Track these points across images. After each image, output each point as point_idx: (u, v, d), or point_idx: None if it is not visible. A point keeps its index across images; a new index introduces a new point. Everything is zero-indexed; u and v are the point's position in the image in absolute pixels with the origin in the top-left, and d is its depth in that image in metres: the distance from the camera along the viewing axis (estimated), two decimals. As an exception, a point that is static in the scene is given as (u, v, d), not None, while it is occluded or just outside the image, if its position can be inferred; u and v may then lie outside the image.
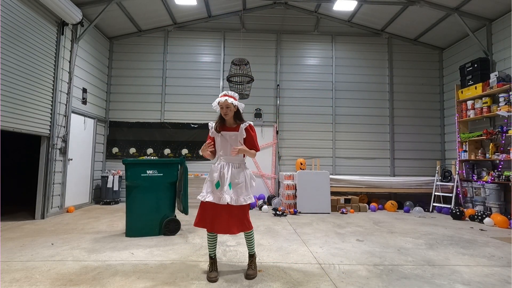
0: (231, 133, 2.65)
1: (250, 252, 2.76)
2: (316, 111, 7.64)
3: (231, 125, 2.69)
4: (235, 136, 2.64)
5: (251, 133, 2.68)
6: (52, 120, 5.44)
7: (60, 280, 2.51)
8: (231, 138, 2.65)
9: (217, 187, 2.57)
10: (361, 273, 2.77)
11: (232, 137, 2.65)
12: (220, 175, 2.60)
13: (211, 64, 7.65)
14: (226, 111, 2.62)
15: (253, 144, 2.68)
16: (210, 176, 2.66)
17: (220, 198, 2.53)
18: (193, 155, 7.36)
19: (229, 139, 2.65)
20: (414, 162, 7.61)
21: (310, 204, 6.06)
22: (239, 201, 2.55)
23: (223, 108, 2.62)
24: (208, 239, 2.67)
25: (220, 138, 2.67)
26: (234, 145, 2.63)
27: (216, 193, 2.56)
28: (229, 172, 2.59)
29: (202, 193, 2.62)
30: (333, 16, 7.58)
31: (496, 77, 5.63)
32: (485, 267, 3.00)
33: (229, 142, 2.65)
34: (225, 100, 2.58)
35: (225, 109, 2.62)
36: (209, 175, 2.67)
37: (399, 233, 4.46)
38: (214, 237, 2.67)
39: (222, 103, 2.60)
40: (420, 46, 7.88)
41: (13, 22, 4.56)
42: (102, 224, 4.74)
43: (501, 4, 5.73)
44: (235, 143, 2.64)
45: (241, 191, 2.58)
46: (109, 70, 7.50)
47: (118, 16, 6.73)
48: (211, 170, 2.68)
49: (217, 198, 2.54)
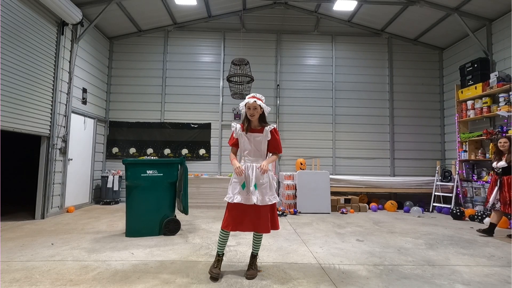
0: (256, 135, 2.68)
1: (254, 253, 2.77)
2: (316, 111, 7.64)
3: (256, 127, 2.72)
4: (260, 138, 2.67)
5: (276, 136, 2.73)
6: (52, 120, 5.44)
7: (60, 280, 2.51)
8: (256, 140, 2.68)
9: (243, 188, 2.61)
10: (361, 273, 2.77)
11: (256, 138, 2.68)
12: (245, 175, 2.64)
13: (211, 64, 7.65)
14: (253, 112, 2.64)
15: (277, 147, 2.75)
16: (236, 177, 2.67)
17: (247, 198, 2.58)
18: (193, 155, 7.36)
19: (253, 141, 2.68)
20: (414, 162, 7.61)
21: (310, 204, 6.06)
22: (265, 201, 2.59)
23: (250, 109, 2.64)
24: (221, 236, 2.68)
25: (244, 139, 2.70)
26: (257, 147, 2.68)
27: (243, 194, 2.60)
28: (253, 173, 2.62)
29: (229, 195, 2.64)
30: (333, 16, 7.58)
31: (496, 77, 5.63)
32: (485, 267, 3.00)
33: (253, 143, 2.68)
34: (254, 102, 2.60)
35: (252, 110, 2.64)
36: (234, 176, 2.68)
37: (399, 233, 4.46)
38: (227, 235, 2.69)
39: (251, 104, 2.62)
40: (420, 46, 7.88)
41: (13, 22, 4.56)
42: (102, 224, 4.74)
43: (501, 4, 5.73)
44: (259, 145, 2.68)
45: (266, 191, 2.61)
46: (109, 70, 7.50)
47: (118, 16, 6.73)
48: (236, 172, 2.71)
49: (244, 199, 2.59)
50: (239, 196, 2.60)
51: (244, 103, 2.67)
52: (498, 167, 4.29)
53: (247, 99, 2.65)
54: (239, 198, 2.59)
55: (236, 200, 2.58)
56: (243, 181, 2.62)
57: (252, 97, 2.66)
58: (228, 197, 2.63)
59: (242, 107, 2.71)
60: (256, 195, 2.57)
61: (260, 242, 2.75)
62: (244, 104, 2.67)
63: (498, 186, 4.26)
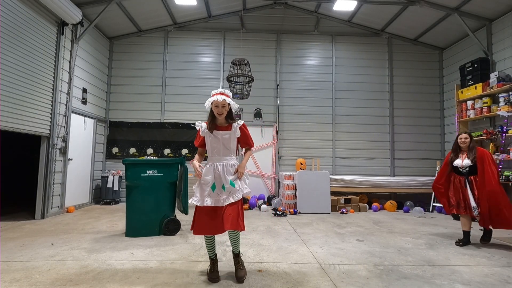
0: (223, 132, 2.58)
1: (234, 251, 2.65)
2: (316, 111, 7.64)
3: (223, 124, 2.61)
4: (229, 135, 2.58)
5: (245, 131, 2.64)
6: (52, 120, 5.44)
7: (60, 280, 2.51)
8: (224, 138, 2.57)
9: (214, 190, 2.49)
10: (361, 273, 2.77)
11: (224, 136, 2.57)
12: (214, 176, 2.53)
13: (211, 64, 7.65)
14: (221, 110, 2.53)
15: (247, 142, 2.66)
16: (203, 178, 2.54)
17: (218, 200, 2.47)
18: (193, 155, 7.36)
19: (221, 139, 2.57)
20: (414, 162, 7.61)
21: (310, 204, 6.06)
22: (236, 197, 2.48)
23: (219, 107, 2.52)
24: (206, 242, 2.60)
25: (212, 138, 2.58)
26: (226, 145, 2.57)
27: (213, 195, 2.48)
28: (224, 172, 2.52)
29: (196, 197, 2.52)
30: (333, 16, 7.58)
31: (496, 77, 5.63)
32: (485, 267, 3.00)
33: (221, 141, 2.57)
34: (224, 100, 2.48)
35: (220, 108, 2.52)
36: (202, 176, 2.55)
37: (399, 233, 4.46)
38: (212, 238, 2.60)
39: (220, 102, 2.49)
40: (420, 46, 7.88)
41: (13, 22, 4.56)
42: (102, 224, 4.74)
43: (501, 4, 5.73)
44: (228, 143, 2.58)
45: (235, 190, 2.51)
46: (109, 70, 7.50)
47: (118, 16, 6.73)
48: (205, 172, 2.57)
49: (215, 201, 2.47)
50: (209, 198, 2.47)
51: (210, 100, 2.51)
52: (464, 166, 3.80)
53: (214, 96, 2.50)
54: (209, 200, 2.46)
55: (207, 203, 2.46)
56: (213, 182, 2.51)
57: (220, 93, 2.51)
58: (196, 200, 2.50)
59: (208, 104, 2.54)
60: (227, 195, 2.47)
61: (238, 239, 2.58)
62: (211, 102, 2.51)
63: (468, 187, 3.77)
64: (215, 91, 2.56)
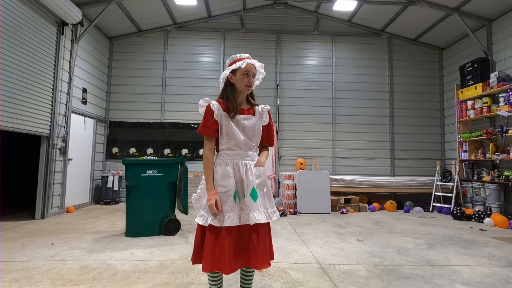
0: (244, 117, 1.75)
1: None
2: (316, 111, 7.64)
3: (242, 106, 1.82)
4: (253, 122, 1.76)
5: (271, 121, 1.90)
6: (52, 120, 5.44)
7: (60, 280, 2.51)
8: (245, 125, 1.74)
9: (235, 200, 1.68)
10: (361, 273, 2.77)
11: (246, 122, 1.75)
12: (236, 180, 1.70)
13: (211, 64, 7.65)
14: (252, 80, 1.74)
15: (270, 136, 1.89)
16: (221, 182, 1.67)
17: (241, 215, 1.66)
18: (193, 155, 7.36)
19: (243, 127, 1.74)
20: (414, 162, 7.61)
21: (310, 204, 6.06)
22: (270, 216, 1.72)
23: (249, 75, 1.72)
24: (212, 281, 1.77)
25: (230, 125, 1.72)
26: (249, 136, 1.75)
27: (236, 209, 1.67)
28: (249, 174, 1.70)
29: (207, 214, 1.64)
30: (333, 16, 7.58)
31: (496, 77, 5.63)
32: (485, 267, 3.00)
33: (243, 130, 1.74)
34: (253, 64, 1.72)
35: (251, 78, 1.74)
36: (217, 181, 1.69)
37: (399, 233, 4.46)
38: (220, 278, 1.80)
39: (250, 66, 1.70)
40: (420, 46, 7.88)
41: (13, 22, 4.56)
42: (102, 224, 4.74)
43: (501, 4, 5.73)
44: (252, 133, 1.75)
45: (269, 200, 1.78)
46: (109, 70, 7.49)
47: (118, 16, 6.72)
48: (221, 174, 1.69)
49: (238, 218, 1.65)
50: (232, 214, 1.63)
51: (240, 64, 1.69)
52: None
53: (246, 60, 1.72)
54: (233, 217, 1.62)
55: (228, 222, 1.60)
56: (234, 190, 1.68)
57: (248, 57, 1.76)
58: (210, 219, 1.61)
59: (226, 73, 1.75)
60: (258, 208, 1.66)
61: (252, 280, 1.84)
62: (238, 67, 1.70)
63: None
64: (239, 55, 1.78)
